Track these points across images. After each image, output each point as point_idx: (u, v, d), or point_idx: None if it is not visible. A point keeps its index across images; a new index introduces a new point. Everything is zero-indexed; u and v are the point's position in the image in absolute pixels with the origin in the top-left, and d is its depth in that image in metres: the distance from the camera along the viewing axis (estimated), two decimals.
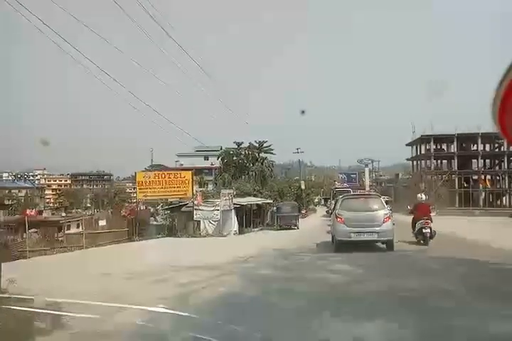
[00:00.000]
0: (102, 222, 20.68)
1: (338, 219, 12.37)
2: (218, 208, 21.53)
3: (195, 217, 20.83)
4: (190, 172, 21.73)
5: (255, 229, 28.12)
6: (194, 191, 21.35)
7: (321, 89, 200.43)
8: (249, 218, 29.81)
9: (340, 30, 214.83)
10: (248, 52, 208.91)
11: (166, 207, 23.94)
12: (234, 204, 24.13)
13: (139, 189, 21.00)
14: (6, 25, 49.67)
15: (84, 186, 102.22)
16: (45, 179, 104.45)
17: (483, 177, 54.74)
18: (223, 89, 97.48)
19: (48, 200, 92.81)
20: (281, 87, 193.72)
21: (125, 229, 20.27)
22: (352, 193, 22.86)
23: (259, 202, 30.35)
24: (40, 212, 57.25)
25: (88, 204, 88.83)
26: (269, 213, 31.42)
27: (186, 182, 21.02)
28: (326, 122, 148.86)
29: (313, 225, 29.74)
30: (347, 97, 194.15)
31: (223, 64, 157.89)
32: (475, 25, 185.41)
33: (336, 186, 59.61)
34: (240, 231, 24.23)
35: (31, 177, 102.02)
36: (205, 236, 20.69)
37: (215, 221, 22.11)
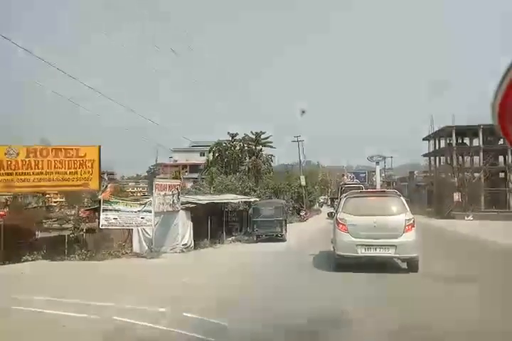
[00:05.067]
0: None
1: (340, 226, 8.77)
2: (150, 208, 12.39)
3: (102, 222, 11.61)
4: (95, 147, 12.08)
5: (230, 239, 18.90)
6: (102, 179, 12.02)
7: (328, 89, 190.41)
8: (227, 222, 20.96)
9: (347, 26, 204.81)
10: (256, 51, 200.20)
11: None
12: (188, 202, 15.06)
13: None
14: None
15: None
16: None
17: None
18: (233, 87, 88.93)
19: (49, 199, 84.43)
20: (287, 86, 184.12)
21: None
22: (360, 190, 16.70)
23: (235, 201, 21.13)
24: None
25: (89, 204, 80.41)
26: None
27: (88, 164, 11.52)
28: (333, 122, 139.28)
29: (314, 232, 20.52)
30: (355, 97, 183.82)
31: (231, 62, 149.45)
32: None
33: (345, 182, 49.16)
34: (198, 245, 15.04)
35: None
36: (118, 257, 11.49)
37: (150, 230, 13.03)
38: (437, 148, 51.30)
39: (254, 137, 42.03)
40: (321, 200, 57.52)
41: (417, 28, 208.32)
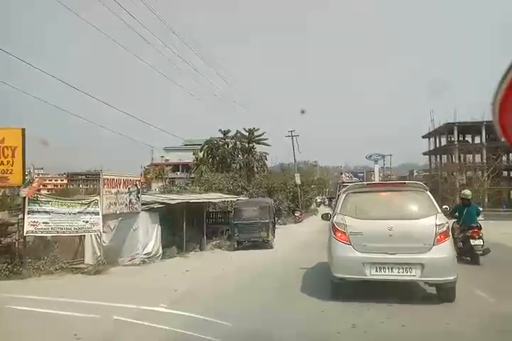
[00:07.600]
0: None
1: (338, 235, 5.91)
2: (96, 209, 9.52)
3: (27, 228, 8.61)
4: (17, 129, 9.02)
5: (211, 244, 16.14)
6: (27, 172, 9.07)
7: (325, 89, 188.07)
8: (211, 225, 18.32)
9: (345, 26, 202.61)
10: (255, 49, 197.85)
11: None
12: (155, 202, 12.25)
13: None
14: None
15: (81, 186, 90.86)
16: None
17: None
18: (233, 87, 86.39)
19: None
20: (284, 86, 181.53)
21: None
22: (368, 183, 12.31)
23: (217, 200, 18.33)
24: None
25: None
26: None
27: (8, 152, 8.33)
28: (331, 123, 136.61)
29: (309, 235, 17.70)
30: (351, 97, 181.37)
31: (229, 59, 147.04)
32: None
33: (344, 180, 46.23)
34: (165, 253, 12.19)
35: None
36: (50, 273, 8.57)
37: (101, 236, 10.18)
38: (438, 146, 48.70)
39: (247, 134, 39.18)
40: (318, 200, 54.72)
41: (417, 27, 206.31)
